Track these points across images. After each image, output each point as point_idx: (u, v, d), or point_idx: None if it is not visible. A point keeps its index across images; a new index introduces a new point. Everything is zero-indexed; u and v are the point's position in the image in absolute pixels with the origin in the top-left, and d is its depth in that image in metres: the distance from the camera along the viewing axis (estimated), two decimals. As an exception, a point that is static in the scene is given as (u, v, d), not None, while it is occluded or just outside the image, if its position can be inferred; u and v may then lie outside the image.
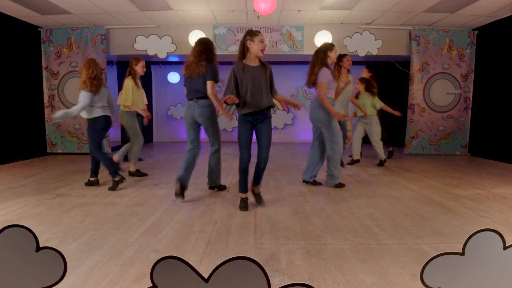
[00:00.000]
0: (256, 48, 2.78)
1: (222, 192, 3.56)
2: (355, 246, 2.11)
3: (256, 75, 2.82)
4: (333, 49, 3.51)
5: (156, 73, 9.28)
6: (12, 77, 5.67)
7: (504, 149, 5.68)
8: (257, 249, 2.07)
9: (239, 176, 2.97)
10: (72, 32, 6.40)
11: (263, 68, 2.87)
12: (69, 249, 2.04)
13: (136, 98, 4.24)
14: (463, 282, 1.05)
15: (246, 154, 2.90)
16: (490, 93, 6.09)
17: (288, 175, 4.47)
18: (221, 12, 5.80)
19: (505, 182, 4.10)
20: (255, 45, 2.77)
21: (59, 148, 6.63)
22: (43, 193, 3.45)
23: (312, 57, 3.60)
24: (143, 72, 4.33)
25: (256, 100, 2.81)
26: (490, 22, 6.00)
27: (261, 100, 2.83)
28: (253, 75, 2.81)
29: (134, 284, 1.63)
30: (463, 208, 2.97)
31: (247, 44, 2.80)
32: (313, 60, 3.54)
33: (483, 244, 1.04)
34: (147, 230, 2.40)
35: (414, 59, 6.44)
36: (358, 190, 3.64)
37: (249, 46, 2.79)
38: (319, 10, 5.71)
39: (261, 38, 2.79)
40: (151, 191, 3.56)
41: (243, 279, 0.93)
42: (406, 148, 6.64)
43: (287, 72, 8.53)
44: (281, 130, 9.07)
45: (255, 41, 2.77)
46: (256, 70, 2.84)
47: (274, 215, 2.77)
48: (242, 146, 2.91)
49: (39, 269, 1.08)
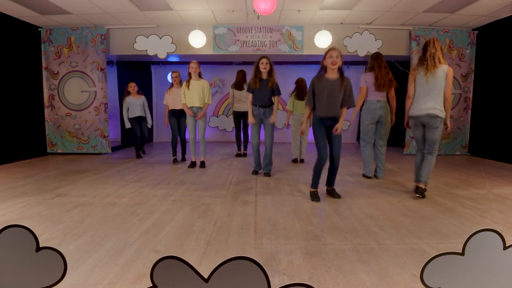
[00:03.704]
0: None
1: (222, 192, 3.56)
2: (355, 246, 2.11)
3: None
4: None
5: (156, 73, 9.28)
6: (12, 77, 5.68)
7: (504, 149, 5.68)
8: (257, 249, 2.07)
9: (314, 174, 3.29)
10: (72, 32, 6.40)
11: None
12: (69, 249, 2.04)
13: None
14: (463, 282, 1.05)
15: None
16: (490, 93, 6.09)
17: (288, 175, 4.47)
18: (221, 12, 5.80)
19: (505, 182, 4.10)
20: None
21: (59, 148, 6.63)
22: (43, 193, 3.45)
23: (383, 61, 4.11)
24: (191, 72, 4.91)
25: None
26: (490, 22, 6.00)
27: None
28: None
29: (134, 284, 1.63)
30: (463, 208, 2.97)
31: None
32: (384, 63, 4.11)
33: (483, 244, 1.04)
34: (147, 230, 2.40)
35: (414, 59, 6.43)
36: (358, 190, 3.64)
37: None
38: (319, 10, 5.71)
39: (330, 54, 3.09)
40: (151, 191, 3.56)
41: (243, 279, 0.93)
42: (406, 148, 6.64)
43: (287, 72, 8.52)
44: (281, 130, 9.07)
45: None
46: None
47: (274, 215, 2.77)
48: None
49: (39, 269, 1.08)
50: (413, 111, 3.35)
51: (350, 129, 9.18)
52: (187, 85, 4.83)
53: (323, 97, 3.12)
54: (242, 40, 6.53)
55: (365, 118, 4.15)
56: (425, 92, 3.24)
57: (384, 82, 4.02)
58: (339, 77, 3.13)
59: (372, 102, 4.09)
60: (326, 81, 3.12)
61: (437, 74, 3.18)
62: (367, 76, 4.13)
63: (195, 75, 4.81)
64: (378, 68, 4.07)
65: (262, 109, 4.35)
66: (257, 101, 4.34)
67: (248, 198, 3.30)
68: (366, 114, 4.14)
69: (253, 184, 3.93)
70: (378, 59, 4.13)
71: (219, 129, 9.41)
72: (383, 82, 4.02)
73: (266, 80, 4.30)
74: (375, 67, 4.10)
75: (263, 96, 4.31)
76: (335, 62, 3.04)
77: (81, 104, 6.56)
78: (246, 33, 6.52)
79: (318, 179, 3.29)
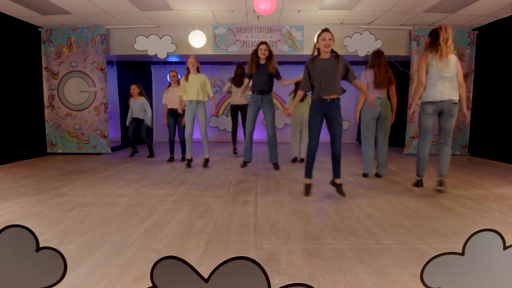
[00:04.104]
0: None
1: (222, 192, 3.56)
2: (355, 246, 2.11)
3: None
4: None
5: (156, 73, 9.27)
6: (12, 77, 5.67)
7: (504, 149, 5.68)
8: (257, 249, 2.07)
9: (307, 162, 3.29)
10: (72, 32, 6.40)
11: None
12: (69, 249, 2.04)
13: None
14: (463, 282, 1.05)
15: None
16: (490, 93, 6.08)
17: (288, 175, 4.47)
18: (221, 12, 5.80)
19: (505, 182, 4.10)
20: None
21: (59, 148, 6.63)
22: (43, 193, 3.45)
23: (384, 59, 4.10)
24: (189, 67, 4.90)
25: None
26: (490, 22, 6.00)
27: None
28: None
29: (134, 284, 1.63)
30: (463, 208, 2.97)
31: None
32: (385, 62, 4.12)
33: (483, 244, 1.04)
34: (147, 230, 2.40)
35: (414, 59, 6.43)
36: (358, 190, 3.64)
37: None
38: (319, 10, 5.71)
39: (323, 37, 3.07)
40: (151, 191, 3.56)
41: (243, 279, 0.93)
42: (406, 148, 6.64)
43: (287, 72, 8.49)
44: (281, 130, 9.06)
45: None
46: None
47: (274, 215, 2.77)
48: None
49: (39, 269, 1.08)
50: (433, 97, 3.21)
51: (350, 129, 9.18)
52: (186, 78, 4.81)
53: (320, 77, 3.09)
54: (242, 40, 6.53)
55: (365, 114, 4.16)
56: (441, 78, 3.16)
57: (382, 79, 4.03)
58: (332, 56, 3.11)
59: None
60: (320, 62, 3.10)
61: (451, 61, 3.15)
62: (367, 73, 4.16)
63: (193, 69, 4.80)
64: (378, 66, 4.08)
65: (260, 96, 4.25)
66: (255, 86, 4.25)
67: (248, 198, 3.30)
68: (366, 110, 4.15)
69: (253, 184, 3.93)
70: (379, 57, 4.14)
71: (219, 129, 9.41)
72: (382, 80, 4.03)
73: (264, 65, 4.22)
74: (375, 64, 4.11)
75: (261, 81, 4.20)
76: (328, 44, 3.02)
77: (81, 104, 6.56)
78: (246, 33, 6.52)
79: (310, 168, 3.28)
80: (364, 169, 4.35)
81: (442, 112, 3.26)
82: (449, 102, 3.19)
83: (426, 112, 3.32)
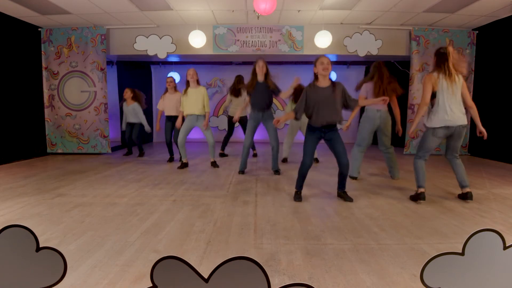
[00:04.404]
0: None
1: (222, 192, 3.56)
2: (355, 246, 2.11)
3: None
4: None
5: (156, 73, 9.28)
6: (12, 77, 5.67)
7: (504, 149, 5.68)
8: (257, 249, 2.07)
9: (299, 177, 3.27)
10: (72, 32, 6.40)
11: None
12: (69, 249, 2.04)
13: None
14: (463, 282, 1.05)
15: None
16: (490, 93, 6.08)
17: (288, 175, 4.47)
18: (221, 12, 5.80)
19: (505, 182, 4.10)
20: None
21: (59, 148, 6.63)
22: (43, 193, 3.45)
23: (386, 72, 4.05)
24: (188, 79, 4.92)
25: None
26: (490, 22, 6.00)
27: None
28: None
29: (134, 284, 1.63)
30: (463, 208, 2.97)
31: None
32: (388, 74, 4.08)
33: (483, 244, 1.04)
34: (147, 230, 2.40)
35: (414, 59, 6.44)
36: (358, 190, 3.64)
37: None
38: (319, 10, 5.71)
39: (321, 61, 3.07)
40: (151, 191, 3.56)
41: (243, 279, 0.93)
42: (406, 148, 6.64)
43: (287, 72, 8.53)
44: (281, 130, 9.06)
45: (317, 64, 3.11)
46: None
47: (274, 215, 2.77)
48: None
49: (39, 269, 1.08)
50: (444, 122, 3.15)
51: (349, 129, 9.15)
52: (185, 93, 4.86)
53: (317, 106, 3.07)
54: (242, 40, 6.53)
55: (364, 126, 4.15)
56: (451, 101, 3.12)
57: (383, 91, 3.96)
58: (331, 84, 3.11)
59: (372, 111, 4.06)
60: (319, 90, 3.10)
61: (457, 84, 3.13)
62: (368, 85, 4.08)
63: (193, 82, 4.81)
64: (379, 79, 4.00)
65: (260, 113, 4.37)
66: (255, 105, 4.35)
67: (248, 198, 3.30)
68: (365, 122, 4.14)
69: (253, 184, 3.93)
70: (379, 69, 4.05)
71: (219, 129, 9.41)
72: (383, 92, 3.96)
73: (263, 83, 4.30)
74: (375, 76, 4.04)
75: (260, 99, 4.32)
76: (326, 68, 3.03)
77: (81, 104, 6.56)
78: (246, 33, 6.52)
79: (301, 182, 3.27)
80: (350, 173, 4.15)
81: (452, 135, 3.25)
82: (459, 127, 3.20)
83: (437, 135, 3.24)
